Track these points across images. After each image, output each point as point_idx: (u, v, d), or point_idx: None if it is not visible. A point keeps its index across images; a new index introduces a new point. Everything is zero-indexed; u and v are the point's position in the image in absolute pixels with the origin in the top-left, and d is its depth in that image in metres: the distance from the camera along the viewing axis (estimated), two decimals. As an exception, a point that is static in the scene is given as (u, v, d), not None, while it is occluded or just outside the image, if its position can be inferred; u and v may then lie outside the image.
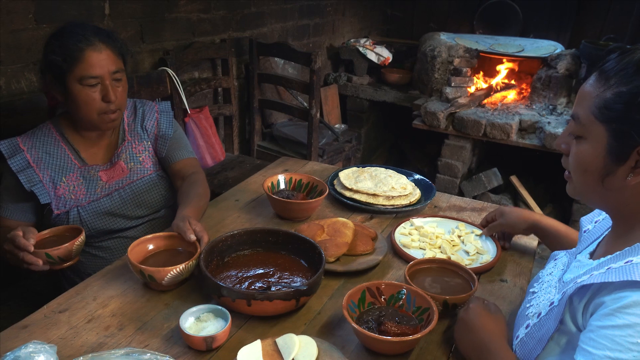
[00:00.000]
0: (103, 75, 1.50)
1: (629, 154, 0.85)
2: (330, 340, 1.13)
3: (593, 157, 0.90)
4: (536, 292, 1.07)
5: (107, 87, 1.51)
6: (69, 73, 1.47)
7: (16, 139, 1.56)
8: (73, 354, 1.05)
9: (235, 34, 3.21)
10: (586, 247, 1.08)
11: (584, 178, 0.94)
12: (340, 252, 1.41)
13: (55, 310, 1.19)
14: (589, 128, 0.90)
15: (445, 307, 1.20)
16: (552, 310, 0.93)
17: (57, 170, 1.58)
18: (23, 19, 2.02)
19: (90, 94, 1.50)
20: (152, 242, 1.35)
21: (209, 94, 3.17)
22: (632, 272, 0.79)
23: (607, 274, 0.83)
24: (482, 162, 4.09)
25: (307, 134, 3.21)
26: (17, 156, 1.53)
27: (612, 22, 4.12)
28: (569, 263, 1.06)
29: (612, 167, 0.88)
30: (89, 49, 1.47)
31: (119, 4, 2.39)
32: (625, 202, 0.91)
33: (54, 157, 1.59)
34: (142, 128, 1.73)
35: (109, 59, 1.51)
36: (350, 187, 1.76)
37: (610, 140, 0.87)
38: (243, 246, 1.39)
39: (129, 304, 1.23)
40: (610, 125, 0.86)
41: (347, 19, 4.44)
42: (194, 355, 1.08)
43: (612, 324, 0.78)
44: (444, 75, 3.95)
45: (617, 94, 0.85)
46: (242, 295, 1.14)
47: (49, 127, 1.61)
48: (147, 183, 1.70)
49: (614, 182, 0.89)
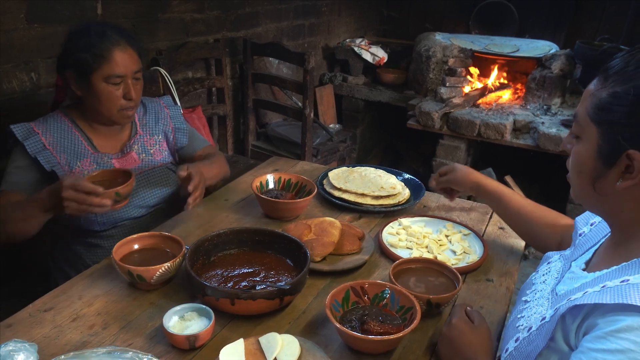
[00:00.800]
0: (127, 74, 1.57)
1: (617, 158, 0.82)
2: (313, 339, 1.13)
3: (586, 158, 0.87)
4: (529, 302, 1.03)
5: (128, 85, 1.58)
6: (96, 71, 1.53)
7: (29, 123, 1.59)
8: (56, 353, 1.05)
9: (230, 34, 3.22)
10: (582, 254, 1.05)
11: (579, 180, 0.91)
12: (326, 251, 1.41)
13: (40, 309, 1.20)
14: (584, 128, 0.87)
15: (429, 306, 1.20)
16: (543, 326, 0.90)
17: (72, 155, 1.62)
18: (15, 19, 2.02)
19: (113, 91, 1.56)
20: (137, 242, 1.35)
21: (202, 94, 3.17)
22: (627, 294, 0.76)
23: (602, 294, 0.79)
24: (477, 162, 4.10)
25: (301, 134, 3.21)
26: (32, 138, 1.56)
27: (608, 23, 4.13)
28: (563, 271, 1.03)
29: (602, 170, 0.85)
30: (117, 49, 1.54)
31: (112, 4, 2.39)
32: (620, 209, 0.88)
33: (68, 142, 1.62)
34: (155, 123, 1.81)
35: (132, 59, 1.58)
36: (339, 187, 1.77)
37: (600, 142, 0.84)
38: (229, 245, 1.39)
39: (114, 303, 1.24)
40: (602, 126, 0.83)
41: (342, 19, 4.44)
42: (177, 354, 1.09)
43: (603, 347, 0.75)
44: (439, 75, 3.96)
45: (612, 94, 0.82)
46: (225, 295, 1.14)
47: (60, 116, 1.65)
48: (158, 174, 1.76)
49: (605, 187, 0.86)
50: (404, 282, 1.27)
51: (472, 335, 1.05)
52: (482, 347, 1.04)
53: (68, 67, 1.56)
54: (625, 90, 0.79)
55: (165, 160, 1.81)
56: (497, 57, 3.97)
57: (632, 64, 0.81)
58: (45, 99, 2.15)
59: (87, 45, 1.52)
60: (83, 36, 1.54)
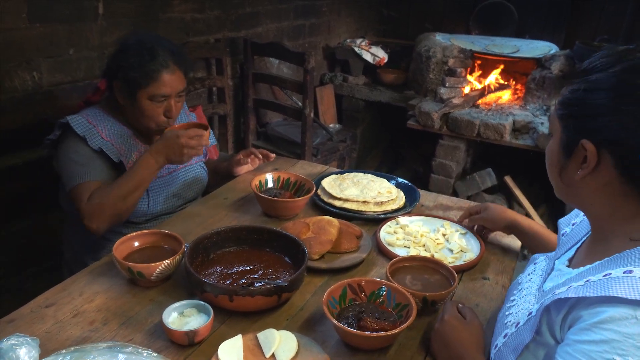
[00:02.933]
0: (171, 95, 1.62)
1: (574, 149, 0.88)
2: (311, 335, 1.15)
3: (553, 151, 0.94)
4: (515, 300, 1.06)
5: (171, 105, 1.64)
6: (142, 89, 1.58)
7: (81, 116, 1.61)
8: (57, 348, 1.07)
9: (230, 34, 3.23)
10: (564, 252, 1.07)
11: (551, 173, 0.97)
12: (324, 249, 1.43)
13: (41, 305, 1.21)
14: (553, 124, 0.94)
15: (424, 303, 1.22)
16: (529, 320, 0.92)
17: (126, 147, 1.67)
18: (16, 18, 2.04)
19: (155, 108, 1.63)
20: (137, 240, 1.37)
21: (203, 94, 3.19)
22: (609, 286, 0.78)
23: (586, 288, 0.82)
24: (477, 162, 4.11)
25: (301, 134, 3.23)
26: (91, 131, 1.60)
27: (606, 23, 4.14)
28: (547, 269, 1.06)
29: (564, 161, 0.91)
30: (165, 71, 1.59)
31: (113, 3, 2.40)
32: (589, 201, 0.92)
33: (120, 134, 1.67)
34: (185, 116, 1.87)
35: (178, 80, 1.63)
36: (339, 197, 1.72)
37: (562, 134, 0.90)
38: (228, 243, 1.41)
39: (114, 299, 1.25)
40: (562, 119, 0.90)
41: (342, 19, 4.45)
42: (176, 350, 1.10)
43: (588, 338, 0.77)
44: (439, 75, 3.97)
45: (571, 90, 0.89)
46: (224, 291, 1.16)
47: (100, 111, 1.68)
48: (195, 170, 1.86)
49: (568, 177, 0.92)
50: (400, 280, 1.28)
51: (464, 331, 1.07)
52: (474, 343, 1.06)
53: (116, 77, 1.60)
54: (578, 85, 0.87)
55: (199, 157, 1.89)
56: (497, 57, 3.98)
57: (595, 62, 0.87)
58: (47, 97, 2.17)
59: (138, 63, 1.56)
60: (135, 52, 1.58)
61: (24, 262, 2.25)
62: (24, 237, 2.23)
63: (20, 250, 2.23)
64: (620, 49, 0.86)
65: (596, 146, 0.84)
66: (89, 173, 1.58)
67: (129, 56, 1.58)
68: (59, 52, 2.21)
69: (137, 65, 1.57)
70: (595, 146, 0.84)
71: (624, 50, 0.86)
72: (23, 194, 2.16)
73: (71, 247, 1.81)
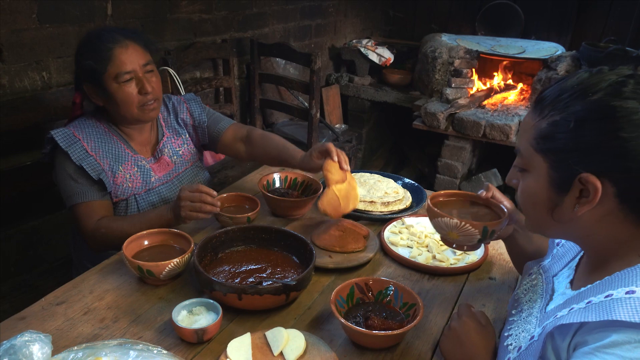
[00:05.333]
0: (135, 69, 1.56)
1: (570, 184, 0.82)
2: (318, 334, 1.16)
3: (537, 189, 0.88)
4: (515, 321, 1.03)
5: (141, 79, 1.57)
6: (104, 74, 1.53)
7: (68, 129, 1.58)
8: (68, 345, 1.09)
9: (237, 35, 3.25)
10: (562, 268, 1.04)
11: (535, 212, 0.91)
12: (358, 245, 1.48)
13: (52, 302, 1.23)
14: (530, 160, 0.88)
15: (484, 234, 1.18)
16: (532, 345, 0.90)
17: (114, 159, 1.63)
18: (26, 19, 2.06)
19: (127, 89, 1.55)
20: (147, 238, 1.38)
21: (210, 94, 3.20)
22: (611, 310, 0.76)
23: (587, 312, 0.79)
24: (482, 162, 4.11)
25: (307, 134, 3.24)
26: (75, 145, 1.55)
27: (613, 24, 4.13)
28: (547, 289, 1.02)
29: (557, 198, 0.85)
30: (117, 46, 1.54)
31: (121, 4, 2.42)
32: (587, 233, 0.87)
33: (108, 146, 1.63)
34: (177, 122, 1.81)
35: (137, 53, 1.57)
36: None
37: (550, 171, 0.85)
38: (236, 242, 1.42)
39: (123, 297, 1.27)
40: (548, 155, 0.84)
41: (349, 19, 4.47)
42: (185, 347, 1.12)
43: None
44: (445, 76, 3.97)
45: (552, 123, 0.83)
46: (233, 290, 1.17)
47: (92, 120, 1.64)
48: (190, 174, 1.81)
49: (564, 214, 0.86)
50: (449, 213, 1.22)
51: (480, 334, 1.06)
52: (488, 348, 1.05)
53: (82, 80, 1.59)
54: (564, 117, 0.81)
55: (194, 159, 1.84)
56: (503, 58, 3.98)
57: (566, 90, 0.82)
58: (57, 97, 2.19)
59: (90, 50, 1.54)
60: (84, 45, 1.56)
61: (34, 259, 2.27)
62: (33, 235, 2.25)
63: (30, 248, 2.25)
64: (586, 74, 0.82)
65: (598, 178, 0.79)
66: (86, 193, 1.56)
67: (82, 52, 1.57)
68: (68, 52, 2.23)
69: (89, 54, 1.53)
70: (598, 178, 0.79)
71: (595, 75, 0.81)
72: (33, 192, 2.18)
73: (75, 247, 1.82)
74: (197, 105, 1.85)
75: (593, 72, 0.82)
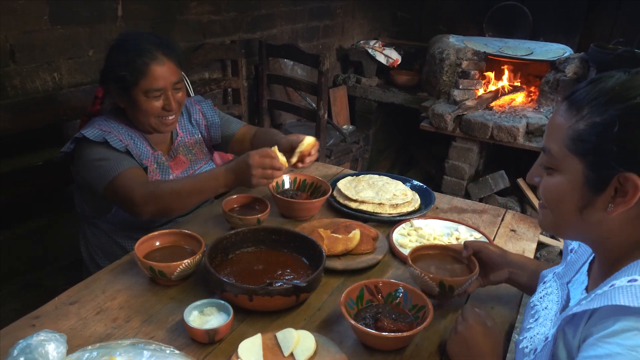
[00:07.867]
0: (166, 87, 1.60)
1: (607, 183, 0.83)
2: (328, 335, 1.16)
3: (569, 189, 0.88)
4: (532, 329, 1.03)
5: (168, 97, 1.61)
6: (135, 86, 1.56)
7: (96, 128, 1.58)
8: (82, 344, 1.10)
9: (245, 36, 3.26)
10: (574, 274, 1.05)
11: (559, 211, 0.91)
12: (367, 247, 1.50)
13: (65, 302, 1.25)
14: (562, 161, 0.88)
15: (442, 288, 1.22)
16: (546, 346, 0.91)
17: (140, 153, 1.66)
18: (38, 20, 2.08)
19: (153, 103, 1.60)
20: (158, 239, 1.40)
21: (218, 95, 3.22)
22: (613, 296, 0.77)
23: (592, 301, 0.81)
24: (489, 164, 4.10)
25: (315, 135, 3.25)
26: (109, 135, 1.57)
27: (622, 26, 4.11)
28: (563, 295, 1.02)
29: (590, 198, 0.85)
30: (154, 63, 1.56)
31: (131, 5, 2.44)
32: (607, 235, 0.88)
33: (134, 141, 1.66)
34: (190, 123, 1.85)
35: (170, 71, 1.60)
36: (355, 198, 1.73)
37: (586, 171, 0.84)
38: (247, 244, 1.43)
39: (135, 297, 1.28)
40: (586, 157, 0.84)
41: (356, 20, 4.47)
42: (197, 347, 1.13)
43: (594, 354, 0.77)
44: (452, 77, 3.97)
45: (591, 124, 0.83)
46: (243, 291, 1.18)
47: (110, 121, 1.66)
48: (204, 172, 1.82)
49: (593, 214, 0.86)
50: (421, 267, 1.28)
51: (487, 337, 1.07)
52: (494, 351, 1.06)
53: (110, 80, 1.61)
54: (606, 119, 0.81)
55: (207, 159, 1.88)
56: (510, 59, 3.97)
57: (604, 92, 0.82)
58: (68, 98, 2.21)
59: (126, 61, 1.55)
60: (122, 52, 1.58)
61: (44, 259, 2.29)
62: (44, 234, 2.27)
63: (40, 247, 2.27)
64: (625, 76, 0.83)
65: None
66: (120, 163, 1.54)
67: (117, 57, 1.58)
68: (79, 53, 2.25)
69: (125, 63, 1.55)
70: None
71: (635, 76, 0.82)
72: (43, 192, 2.20)
73: (87, 248, 1.84)
74: (209, 107, 1.91)
75: (632, 73, 0.83)
